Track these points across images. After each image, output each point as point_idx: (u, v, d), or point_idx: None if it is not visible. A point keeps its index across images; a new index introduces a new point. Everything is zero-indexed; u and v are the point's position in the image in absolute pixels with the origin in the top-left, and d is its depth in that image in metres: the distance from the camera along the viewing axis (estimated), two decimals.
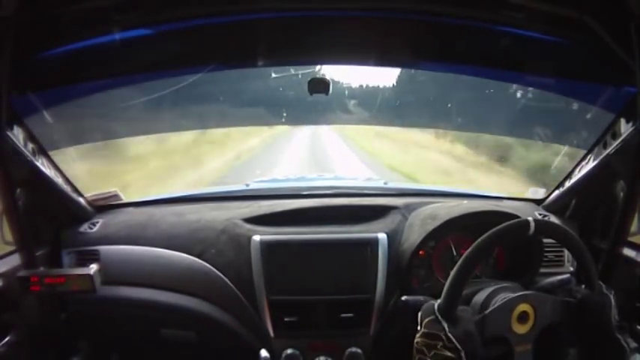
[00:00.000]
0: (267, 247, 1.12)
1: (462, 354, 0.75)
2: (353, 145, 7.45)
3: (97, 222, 1.25)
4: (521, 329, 0.81)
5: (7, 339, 0.98)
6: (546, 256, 1.14)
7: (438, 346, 0.76)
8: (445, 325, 0.77)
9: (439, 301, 0.80)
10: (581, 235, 1.16)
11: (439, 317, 0.78)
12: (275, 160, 5.91)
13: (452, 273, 0.81)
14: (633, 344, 0.88)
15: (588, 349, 0.87)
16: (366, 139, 7.33)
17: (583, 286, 0.85)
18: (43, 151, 1.06)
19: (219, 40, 1.06)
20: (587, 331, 0.84)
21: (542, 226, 0.83)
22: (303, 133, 7.78)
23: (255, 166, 5.73)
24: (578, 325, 0.83)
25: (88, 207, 1.27)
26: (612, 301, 0.82)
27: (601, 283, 0.84)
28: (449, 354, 0.75)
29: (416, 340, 0.80)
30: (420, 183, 4.06)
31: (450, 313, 0.78)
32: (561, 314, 0.83)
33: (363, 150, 7.00)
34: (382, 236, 1.14)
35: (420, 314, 0.82)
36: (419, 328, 0.81)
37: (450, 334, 0.76)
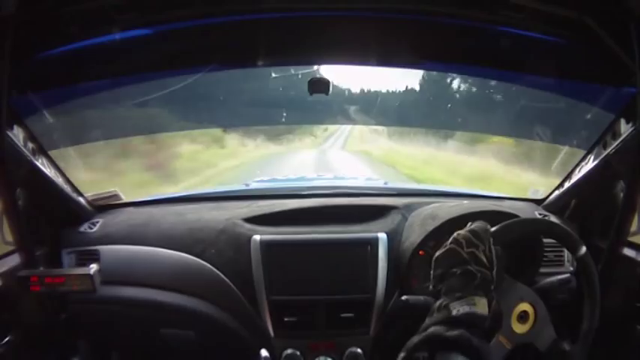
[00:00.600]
0: (267, 246, 1.12)
1: (494, 270, 0.73)
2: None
3: (97, 222, 1.25)
4: (517, 328, 0.81)
5: (7, 339, 0.98)
6: (546, 256, 1.14)
7: (479, 248, 0.73)
8: (491, 239, 0.75)
9: (496, 227, 0.79)
10: (581, 235, 1.16)
11: (490, 232, 0.76)
12: None
13: (518, 219, 0.84)
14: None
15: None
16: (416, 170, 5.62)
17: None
18: (43, 151, 1.06)
19: (219, 40, 1.06)
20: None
21: (585, 258, 0.83)
22: (303, 158, 6.86)
23: None
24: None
25: (88, 207, 1.28)
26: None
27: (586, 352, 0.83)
28: (484, 260, 0.72)
29: (458, 232, 0.76)
30: None
31: (497, 239, 0.76)
32: (547, 347, 0.81)
33: None
34: (382, 236, 1.14)
35: (470, 222, 0.79)
36: (467, 226, 0.78)
37: (493, 247, 0.74)
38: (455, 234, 0.76)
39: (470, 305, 0.68)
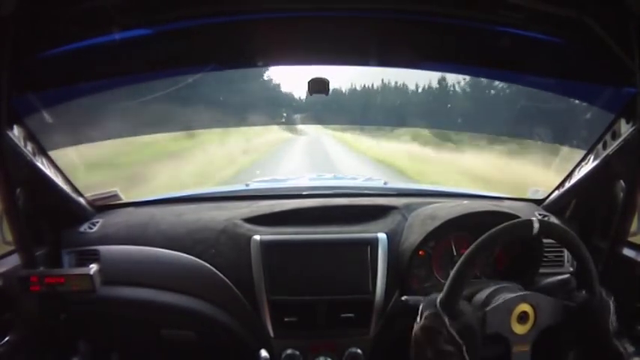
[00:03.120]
0: (267, 247, 1.12)
1: (464, 348, 0.74)
2: None
3: (97, 222, 1.25)
4: (520, 329, 0.81)
5: (6, 339, 0.98)
6: (546, 257, 1.14)
7: (439, 340, 0.75)
8: (446, 320, 0.76)
9: (441, 295, 0.80)
10: (581, 235, 1.16)
11: (440, 311, 0.77)
12: None
13: (455, 267, 0.80)
14: (631, 349, 0.87)
15: (586, 354, 0.87)
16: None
17: (583, 291, 0.85)
18: (43, 151, 1.06)
19: (219, 40, 1.06)
20: (585, 336, 0.84)
21: (546, 227, 0.83)
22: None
23: None
24: (577, 329, 0.83)
25: (88, 207, 1.28)
26: (611, 307, 0.82)
27: (601, 289, 0.84)
28: (450, 348, 0.74)
29: (414, 332, 0.79)
30: None
31: (451, 307, 0.78)
32: (561, 317, 0.83)
33: None
34: (382, 236, 1.14)
35: (420, 307, 0.81)
36: (418, 320, 0.80)
37: (451, 329, 0.75)
38: (413, 333, 0.79)
39: None
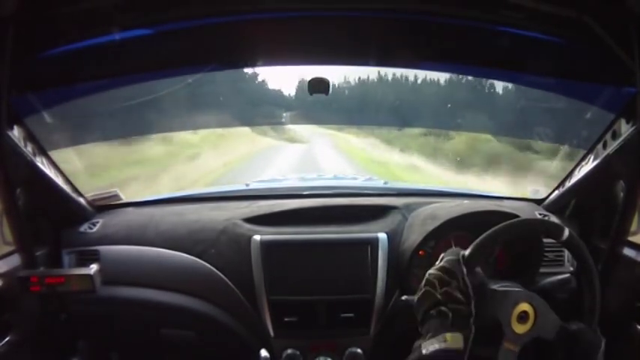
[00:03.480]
0: (267, 247, 1.12)
1: (473, 302, 0.74)
2: None
3: (97, 222, 1.25)
4: (518, 328, 0.81)
5: (7, 339, 0.98)
6: (546, 256, 1.14)
7: (452, 285, 0.75)
8: (464, 269, 0.76)
9: (465, 251, 0.80)
10: (581, 235, 1.16)
11: (461, 260, 0.78)
12: None
13: (488, 231, 0.81)
14: None
15: None
16: None
17: (582, 324, 0.84)
18: (43, 151, 1.06)
19: (219, 40, 1.06)
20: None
21: (571, 240, 0.83)
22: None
23: None
24: (565, 353, 0.83)
25: (88, 207, 1.28)
26: (602, 346, 0.82)
27: (597, 327, 0.84)
28: (459, 296, 0.74)
29: (429, 272, 0.79)
30: None
31: (472, 263, 0.78)
32: (555, 335, 0.82)
33: None
34: (382, 236, 1.14)
35: (443, 254, 0.81)
36: (437, 263, 0.80)
37: (467, 279, 0.75)
38: (427, 274, 0.79)
39: (440, 342, 0.71)
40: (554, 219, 1.25)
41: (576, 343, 0.81)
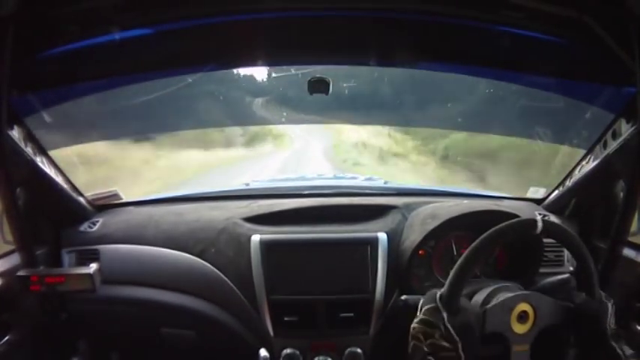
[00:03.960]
0: (267, 246, 1.12)
1: (459, 346, 0.74)
2: None
3: (97, 221, 1.25)
4: (520, 329, 0.81)
5: (6, 338, 0.98)
6: (546, 256, 1.14)
7: (436, 335, 0.75)
8: (445, 315, 0.76)
9: (441, 290, 0.80)
10: (581, 234, 1.16)
11: (440, 306, 0.78)
12: None
13: (456, 264, 0.80)
14: (629, 351, 0.87)
15: (584, 355, 0.87)
16: None
17: (583, 293, 0.85)
18: (43, 151, 1.06)
19: (219, 40, 1.06)
20: (583, 337, 0.84)
21: (549, 226, 0.83)
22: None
23: None
24: (575, 331, 0.83)
25: (88, 206, 1.28)
26: (610, 309, 0.82)
27: (601, 292, 0.84)
28: (445, 344, 0.75)
29: (413, 326, 0.79)
30: None
31: (451, 303, 0.78)
32: (560, 317, 0.83)
33: None
34: (382, 236, 1.14)
35: (421, 301, 0.81)
36: (418, 314, 0.80)
37: (448, 325, 0.75)
38: (412, 327, 0.79)
39: None
40: (554, 218, 1.25)
41: (583, 317, 0.82)
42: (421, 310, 0.80)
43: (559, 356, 0.89)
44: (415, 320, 0.80)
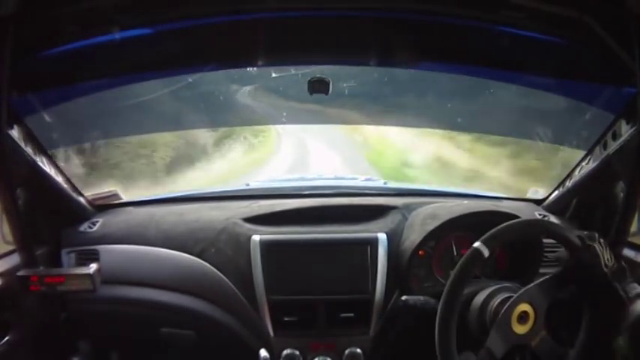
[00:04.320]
0: (267, 246, 1.12)
1: None
2: None
3: (97, 221, 1.25)
4: (521, 329, 0.81)
5: (6, 338, 0.98)
6: (546, 257, 1.14)
7: None
8: None
9: None
10: None
11: None
12: None
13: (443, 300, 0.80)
14: (636, 290, 0.81)
15: (593, 309, 0.84)
16: None
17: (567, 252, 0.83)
18: (43, 151, 1.06)
19: (220, 40, 1.06)
20: (587, 292, 0.82)
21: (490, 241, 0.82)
22: None
23: None
24: (577, 291, 0.82)
25: (88, 206, 1.28)
26: (598, 249, 0.80)
27: (582, 236, 0.82)
28: None
29: None
30: None
31: None
32: (557, 290, 0.81)
33: None
34: (382, 236, 1.14)
35: None
36: None
37: None
38: None
39: None
40: (553, 219, 1.25)
41: (577, 272, 0.80)
42: None
43: (575, 325, 0.87)
44: None
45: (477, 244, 0.81)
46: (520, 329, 0.81)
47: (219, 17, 0.98)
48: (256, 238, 1.13)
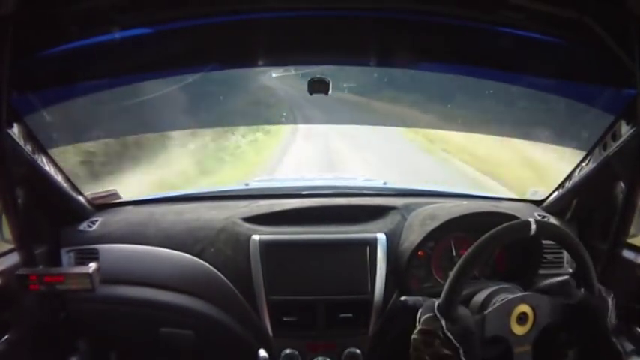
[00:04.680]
0: (267, 246, 1.12)
1: (461, 351, 0.75)
2: None
3: (97, 220, 1.25)
4: (520, 330, 0.81)
5: (6, 337, 0.98)
6: (545, 257, 1.14)
7: (436, 344, 0.76)
8: (443, 323, 0.77)
9: (439, 299, 0.80)
10: (580, 236, 1.16)
11: (438, 314, 0.78)
12: None
13: (452, 272, 0.81)
14: (630, 347, 0.87)
15: (585, 352, 0.87)
16: None
17: (582, 289, 0.85)
18: (42, 150, 1.06)
19: (220, 40, 1.06)
20: (584, 334, 0.84)
21: (544, 227, 0.83)
22: None
23: None
24: (576, 328, 0.83)
25: (88, 205, 1.28)
26: (610, 304, 0.82)
27: (600, 287, 0.84)
28: (446, 351, 0.75)
29: (413, 337, 0.80)
30: None
31: (449, 311, 0.78)
32: (560, 316, 0.83)
33: None
34: (381, 236, 1.14)
35: (419, 312, 0.82)
36: (417, 324, 0.81)
37: (447, 332, 0.76)
38: (412, 338, 0.80)
39: None
40: (553, 220, 1.25)
41: (583, 313, 0.82)
42: (420, 320, 0.80)
43: (560, 355, 0.89)
44: (415, 331, 0.80)
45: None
46: (519, 330, 0.81)
47: (219, 17, 0.98)
48: (256, 237, 1.13)
